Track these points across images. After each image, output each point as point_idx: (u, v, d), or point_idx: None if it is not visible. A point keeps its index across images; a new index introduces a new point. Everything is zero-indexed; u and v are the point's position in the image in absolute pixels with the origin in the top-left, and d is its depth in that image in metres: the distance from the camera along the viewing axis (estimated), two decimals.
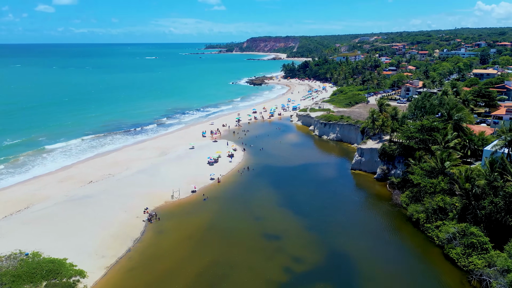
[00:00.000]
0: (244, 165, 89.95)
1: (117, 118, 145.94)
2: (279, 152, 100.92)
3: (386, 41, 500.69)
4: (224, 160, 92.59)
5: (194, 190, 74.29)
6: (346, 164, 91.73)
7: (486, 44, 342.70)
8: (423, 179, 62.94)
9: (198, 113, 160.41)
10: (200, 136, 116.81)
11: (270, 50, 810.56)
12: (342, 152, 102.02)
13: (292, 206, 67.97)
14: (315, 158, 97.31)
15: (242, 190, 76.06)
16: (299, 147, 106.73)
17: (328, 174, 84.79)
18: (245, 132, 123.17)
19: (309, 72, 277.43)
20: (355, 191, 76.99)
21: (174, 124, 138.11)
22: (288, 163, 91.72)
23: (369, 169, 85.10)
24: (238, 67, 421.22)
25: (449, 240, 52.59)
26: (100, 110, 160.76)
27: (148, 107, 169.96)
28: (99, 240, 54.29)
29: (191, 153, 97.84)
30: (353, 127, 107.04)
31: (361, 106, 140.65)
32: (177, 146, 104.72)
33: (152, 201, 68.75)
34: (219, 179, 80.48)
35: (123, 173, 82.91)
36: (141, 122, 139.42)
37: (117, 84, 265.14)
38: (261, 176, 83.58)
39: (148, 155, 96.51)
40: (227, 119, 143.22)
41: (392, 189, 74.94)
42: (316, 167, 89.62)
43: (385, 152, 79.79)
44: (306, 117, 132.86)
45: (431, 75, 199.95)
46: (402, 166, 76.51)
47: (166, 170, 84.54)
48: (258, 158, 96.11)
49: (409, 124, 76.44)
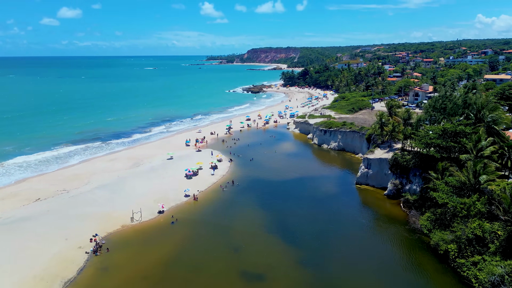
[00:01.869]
0: (229, 178, 75.76)
1: (98, 127, 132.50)
2: (272, 164, 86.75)
3: (389, 50, 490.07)
4: (205, 173, 78.45)
5: (162, 211, 59.98)
6: (349, 177, 77.43)
7: (493, 51, 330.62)
8: (451, 198, 48.53)
9: (187, 121, 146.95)
10: (183, 145, 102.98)
11: (271, 61, 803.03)
12: (344, 163, 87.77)
13: (282, 232, 53.53)
14: (313, 170, 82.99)
15: (222, 210, 61.67)
16: (295, 158, 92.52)
17: (328, 190, 70.40)
18: (235, 141, 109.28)
19: (309, 79, 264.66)
20: (361, 211, 62.42)
21: (158, 133, 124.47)
22: (281, 177, 77.46)
23: (377, 183, 70.74)
24: (237, 77, 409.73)
25: (495, 285, 37.99)
26: (83, 119, 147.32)
27: (135, 115, 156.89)
28: (12, 285, 39.75)
29: (168, 165, 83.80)
30: (357, 134, 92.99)
31: (365, 112, 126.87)
32: (154, 156, 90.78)
33: (106, 225, 54.48)
34: (195, 196, 66.21)
35: (80, 188, 68.81)
36: (123, 131, 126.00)
37: (108, 92, 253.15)
38: (247, 192, 69.23)
39: (118, 166, 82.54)
40: (217, 127, 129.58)
41: (408, 208, 60.47)
42: (314, 181, 75.31)
43: (398, 163, 65.56)
44: (304, 124, 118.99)
45: (440, 81, 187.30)
46: (419, 181, 62.23)
47: (132, 184, 70.41)
48: (247, 170, 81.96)
49: (427, 129, 62.27)
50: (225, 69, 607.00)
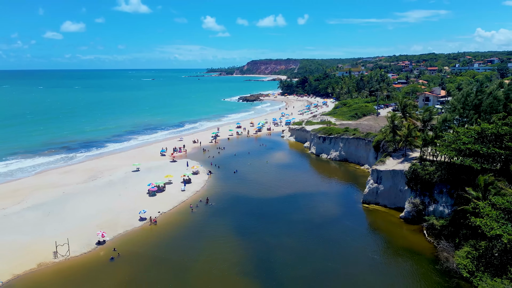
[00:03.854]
0: (203, 195, 60.46)
1: (72, 136, 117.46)
2: (260, 177, 71.50)
3: (390, 60, 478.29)
4: (175, 188, 63.18)
5: (102, 241, 44.57)
6: (354, 194, 62.09)
7: (499, 60, 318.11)
8: (506, 228, 33.23)
9: (171, 129, 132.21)
10: (158, 155, 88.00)
11: (270, 72, 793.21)
12: (347, 176, 72.48)
13: (263, 275, 38.05)
14: (310, 185, 67.56)
15: (185, 240, 46.22)
16: (288, 170, 77.19)
17: (327, 211, 54.98)
18: (220, 150, 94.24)
19: (308, 88, 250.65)
20: (371, 241, 46.84)
21: (135, 141, 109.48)
22: (269, 193, 62.14)
23: (390, 202, 55.43)
24: (235, 87, 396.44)
25: None
26: (59, 128, 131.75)
27: (117, 124, 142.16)
28: None
29: (131, 178, 68.62)
30: (362, 141, 77.90)
31: (369, 118, 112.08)
32: (118, 167, 75.74)
33: (19, 263, 39.11)
34: (154, 219, 50.85)
35: (8, 209, 53.53)
36: (97, 140, 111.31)
37: (97, 102, 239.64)
38: (223, 214, 53.85)
39: (70, 180, 67.41)
40: (202, 135, 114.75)
41: (435, 238, 45.00)
42: (310, 199, 59.92)
43: (417, 177, 50.37)
44: (301, 131, 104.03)
45: (449, 86, 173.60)
46: (448, 199, 47.02)
47: (77, 204, 55.18)
48: (228, 185, 66.71)
49: (457, 131, 47.15)
50: (223, 80, 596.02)
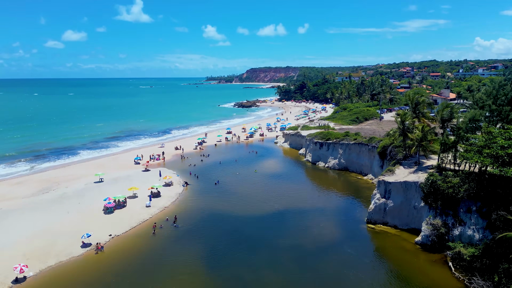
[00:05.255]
0: (171, 212, 49.44)
1: (47, 142, 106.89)
2: (244, 189, 60.53)
3: (391, 67, 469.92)
4: (138, 204, 52.20)
5: (21, 278, 33.49)
6: (356, 211, 51.02)
7: (503, 66, 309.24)
8: None
9: (157, 135, 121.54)
10: (132, 163, 77.18)
11: (270, 80, 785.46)
12: (348, 188, 61.43)
13: None
14: (303, 200, 56.48)
15: (134, 275, 35.04)
16: (279, 180, 66.14)
17: (323, 234, 43.87)
18: (204, 157, 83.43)
19: (307, 93, 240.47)
20: (379, 275, 35.62)
21: (111, 148, 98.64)
22: (253, 210, 51.11)
23: (402, 222, 44.42)
24: (232, 94, 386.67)
25: None
26: (36, 136, 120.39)
27: (100, 129, 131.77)
28: None
29: (90, 191, 57.65)
30: (365, 147, 67.03)
31: (372, 122, 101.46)
32: (80, 178, 64.86)
33: None
34: (99, 245, 39.78)
35: None
36: (72, 146, 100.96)
37: (88, 107, 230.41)
38: (192, 238, 42.73)
39: (17, 193, 56.50)
40: (188, 141, 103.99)
41: (464, 273, 33.96)
42: (302, 217, 48.84)
43: (438, 190, 39.45)
44: (296, 137, 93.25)
45: (456, 90, 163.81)
46: (479, 221, 36.17)
47: (9, 223, 44.22)
48: (204, 199, 55.72)
49: (490, 131, 36.35)
50: (222, 88, 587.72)
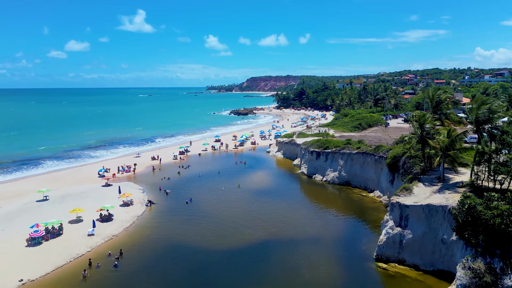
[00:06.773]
0: (118, 244, 37.63)
1: (17, 152, 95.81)
2: (221, 210, 48.74)
3: (394, 75, 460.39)
4: (80, 231, 40.43)
5: None
6: (362, 241, 39.03)
7: (509, 73, 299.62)
8: None
9: (137, 143, 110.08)
10: (95, 176, 65.58)
11: (270, 89, 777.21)
12: (350, 208, 49.42)
13: None
14: (293, 224, 44.53)
15: None
16: (266, 198, 54.23)
17: (316, 278, 31.94)
18: (182, 169, 71.85)
19: (306, 100, 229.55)
20: None
21: (85, 158, 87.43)
22: (228, 240, 39.28)
23: (425, 261, 32.50)
24: (230, 102, 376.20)
25: None
26: (11, 143, 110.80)
27: (80, 138, 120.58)
28: None
29: (25, 212, 46.01)
30: (371, 157, 55.30)
31: (377, 129, 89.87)
32: (24, 194, 53.41)
33: None
34: None
35: None
36: (41, 156, 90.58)
37: (77, 115, 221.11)
38: (134, 285, 30.89)
39: None
40: (169, 150, 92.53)
41: None
42: (291, 251, 36.91)
43: (478, 219, 27.62)
44: (291, 145, 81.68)
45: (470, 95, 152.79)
46: None
47: None
48: (167, 224, 43.93)
49: None
50: (221, 96, 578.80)
